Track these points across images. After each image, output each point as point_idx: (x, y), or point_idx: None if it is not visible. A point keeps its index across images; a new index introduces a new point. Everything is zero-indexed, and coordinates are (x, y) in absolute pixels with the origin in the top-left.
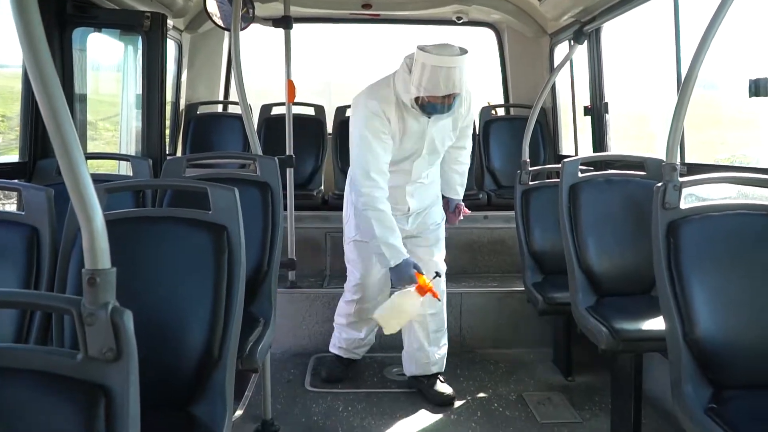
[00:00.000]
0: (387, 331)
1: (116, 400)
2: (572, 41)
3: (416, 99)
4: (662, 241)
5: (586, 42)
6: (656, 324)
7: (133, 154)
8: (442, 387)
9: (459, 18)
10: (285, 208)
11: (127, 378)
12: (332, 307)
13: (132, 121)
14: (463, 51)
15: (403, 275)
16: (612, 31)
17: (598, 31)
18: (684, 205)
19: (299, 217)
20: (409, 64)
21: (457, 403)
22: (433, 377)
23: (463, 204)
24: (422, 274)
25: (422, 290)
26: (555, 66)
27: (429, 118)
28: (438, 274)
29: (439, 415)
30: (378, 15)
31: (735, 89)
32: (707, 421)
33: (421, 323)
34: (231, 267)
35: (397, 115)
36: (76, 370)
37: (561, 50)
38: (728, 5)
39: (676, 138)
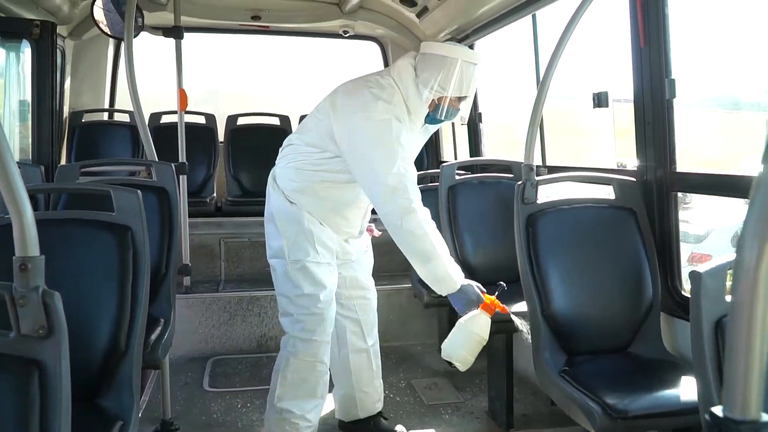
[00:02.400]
0: (464, 368)
1: (49, 372)
2: None
3: (431, 102)
4: (522, 232)
5: None
6: (524, 306)
7: (17, 161)
8: (389, 425)
9: (345, 32)
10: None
11: (59, 352)
12: (228, 311)
13: (15, 128)
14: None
15: (470, 297)
16: (485, 46)
17: (471, 47)
18: (540, 200)
19: (193, 224)
20: (415, 65)
21: None
22: (378, 416)
23: None
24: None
25: (490, 308)
26: None
27: (427, 125)
28: (502, 285)
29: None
30: (267, 27)
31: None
32: (562, 381)
33: (363, 356)
34: (136, 265)
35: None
36: (9, 347)
37: None
38: (575, 24)
39: (532, 142)
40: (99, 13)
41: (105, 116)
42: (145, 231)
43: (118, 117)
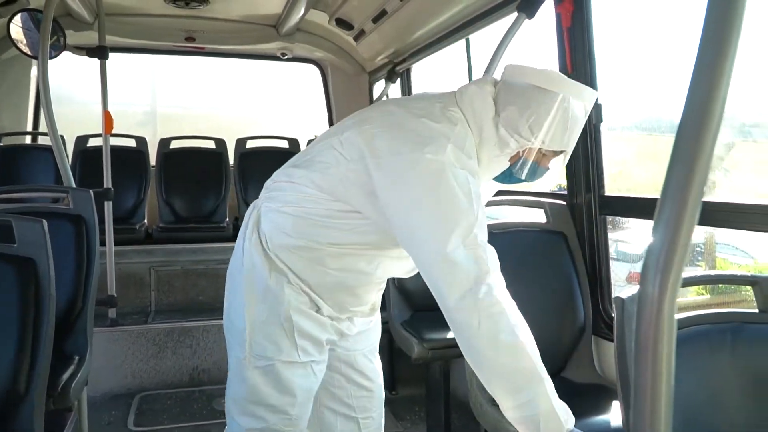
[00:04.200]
0: None
1: None
2: (386, 80)
3: (517, 153)
4: None
5: (399, 80)
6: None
7: None
8: None
9: (284, 54)
10: (103, 243)
11: None
12: (157, 344)
13: None
14: None
15: None
16: (421, 70)
17: (408, 71)
18: None
19: (120, 252)
20: (495, 95)
21: None
22: None
23: None
24: None
25: None
26: (374, 101)
27: (494, 183)
28: None
29: None
30: (203, 48)
31: None
32: (495, 412)
33: (347, 421)
34: (39, 301)
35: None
36: None
37: (379, 87)
38: (504, 47)
39: None
40: (17, 32)
41: (27, 139)
42: (51, 264)
43: (43, 140)
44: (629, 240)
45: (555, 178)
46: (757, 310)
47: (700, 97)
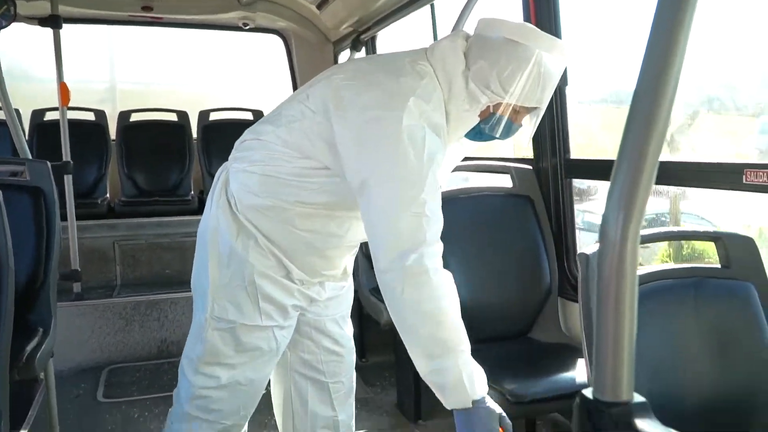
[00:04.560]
0: None
1: None
2: (351, 49)
3: (488, 108)
4: None
5: (364, 49)
6: None
7: None
8: None
9: (245, 24)
10: (65, 218)
11: None
12: (124, 317)
13: None
14: None
15: (485, 426)
16: (387, 38)
17: (373, 39)
18: None
19: (83, 227)
20: (466, 49)
21: None
22: None
23: None
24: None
25: None
26: None
27: (465, 141)
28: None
29: None
30: (160, 18)
31: None
32: None
33: (317, 385)
34: None
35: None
36: None
37: (344, 57)
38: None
39: None
40: None
41: None
42: (8, 235)
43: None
44: (596, 210)
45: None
46: (719, 266)
47: (658, 52)
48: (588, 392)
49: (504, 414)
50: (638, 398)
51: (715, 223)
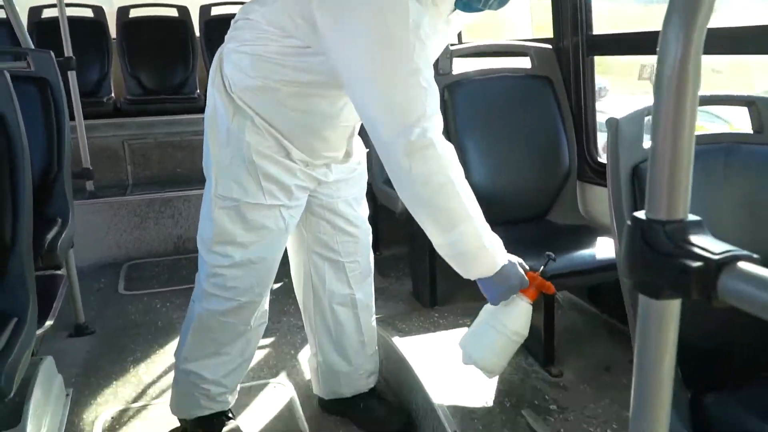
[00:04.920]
0: (491, 374)
1: None
2: None
3: None
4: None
5: None
6: None
7: None
8: (386, 410)
9: None
10: (72, 118)
11: None
12: (139, 215)
13: None
14: None
15: (511, 282)
16: None
17: None
18: (456, 71)
19: (91, 126)
20: None
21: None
22: (371, 395)
23: None
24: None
25: (533, 292)
26: None
27: (454, 15)
28: (551, 257)
29: None
30: None
31: None
32: None
33: (347, 311)
34: (12, 152)
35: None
36: None
37: None
38: None
39: None
40: None
41: None
42: (19, 116)
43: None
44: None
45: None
46: (751, 131)
47: None
48: (640, 214)
49: (518, 258)
50: (693, 217)
51: (728, 119)
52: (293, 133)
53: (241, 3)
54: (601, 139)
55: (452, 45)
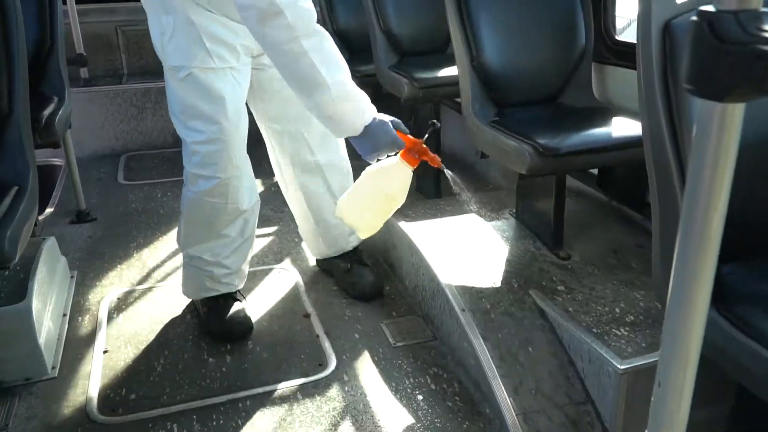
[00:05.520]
0: (365, 235)
1: None
2: None
3: None
4: None
5: None
6: (448, 72)
7: None
8: (366, 272)
9: None
10: (64, 2)
11: None
12: (135, 105)
13: None
14: None
15: (380, 140)
16: None
17: None
18: None
19: (82, 11)
20: None
21: None
22: (354, 255)
23: None
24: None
25: (412, 157)
26: None
27: None
28: (435, 124)
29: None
30: None
31: None
32: (492, 129)
33: (316, 178)
34: (5, 21)
35: None
36: None
37: None
38: None
39: None
40: None
41: None
42: None
43: None
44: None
45: None
46: None
47: None
48: (708, 7)
49: (396, 119)
50: (765, 9)
51: None
52: None
53: None
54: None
55: None
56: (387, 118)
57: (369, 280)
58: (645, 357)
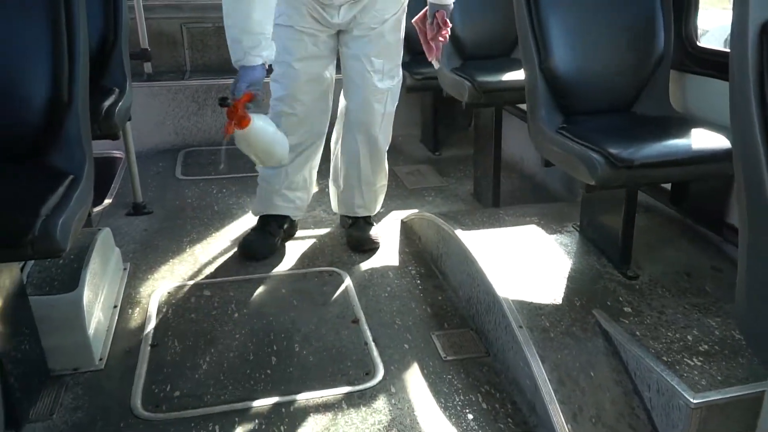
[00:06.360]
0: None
1: None
2: None
3: None
4: None
5: None
6: (513, 77)
7: None
8: (362, 231)
9: None
10: None
11: None
12: (196, 101)
13: None
14: None
15: (236, 83)
16: None
17: None
18: None
19: (148, 6)
20: None
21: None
22: (359, 220)
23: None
24: (253, 92)
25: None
26: None
27: None
28: (225, 100)
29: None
30: None
31: None
32: (559, 137)
33: (350, 159)
34: (70, 13)
35: None
36: None
37: None
38: None
39: None
40: None
41: None
42: None
43: None
44: None
45: None
46: None
47: None
48: None
49: (259, 90)
50: None
51: None
52: None
53: None
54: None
55: None
56: (254, 78)
57: (356, 235)
58: (720, 392)
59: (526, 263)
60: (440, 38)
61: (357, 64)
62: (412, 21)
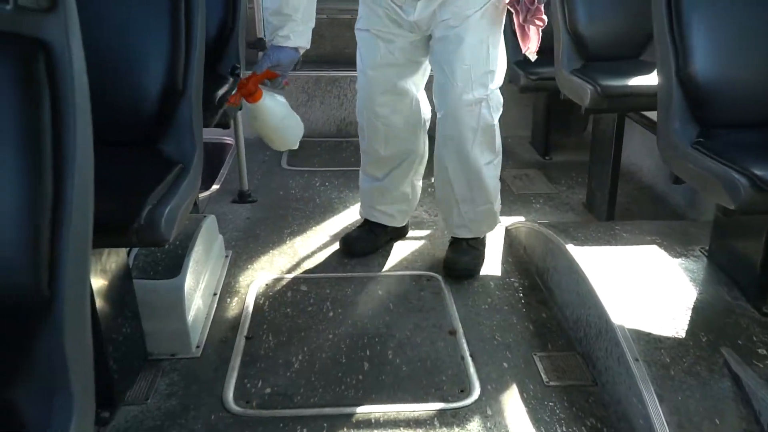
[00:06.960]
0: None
1: (56, 53)
2: None
3: None
4: None
5: None
6: (641, 81)
7: None
8: (458, 254)
9: None
10: None
11: (65, 30)
12: (306, 92)
13: None
14: None
15: (261, 62)
16: None
17: None
18: None
19: None
20: None
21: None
22: (460, 242)
23: None
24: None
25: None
26: None
27: None
28: (236, 69)
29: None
30: None
31: None
32: (694, 152)
33: (442, 176)
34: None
35: None
36: (7, 23)
37: None
38: None
39: None
40: None
41: None
42: None
43: None
44: None
45: None
46: None
47: None
48: None
49: (283, 72)
50: None
51: None
52: None
53: None
54: None
55: None
56: (283, 58)
57: (450, 258)
58: None
59: (644, 288)
60: (537, 21)
61: (438, 72)
62: (505, 1)
